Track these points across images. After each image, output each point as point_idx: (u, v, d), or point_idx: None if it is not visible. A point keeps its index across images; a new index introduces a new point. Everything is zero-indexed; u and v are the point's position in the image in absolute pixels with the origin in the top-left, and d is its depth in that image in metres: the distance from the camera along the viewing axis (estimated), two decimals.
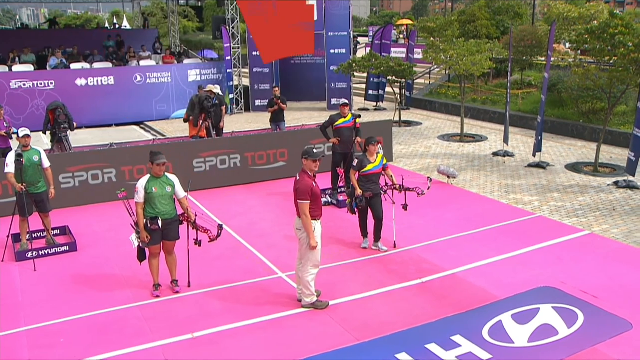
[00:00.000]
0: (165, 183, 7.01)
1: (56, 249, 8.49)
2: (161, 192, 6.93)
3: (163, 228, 6.96)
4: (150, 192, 6.88)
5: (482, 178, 12.72)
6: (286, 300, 7.13)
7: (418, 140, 16.91)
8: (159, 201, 6.92)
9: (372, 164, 8.47)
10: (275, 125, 15.02)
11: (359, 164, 8.47)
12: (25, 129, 8.53)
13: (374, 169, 8.48)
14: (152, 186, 6.90)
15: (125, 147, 11.71)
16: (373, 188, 8.51)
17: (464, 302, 7.04)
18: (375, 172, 8.50)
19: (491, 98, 20.76)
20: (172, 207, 7.09)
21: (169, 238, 7.12)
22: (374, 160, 8.50)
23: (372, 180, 8.50)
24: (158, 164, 6.89)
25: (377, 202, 8.56)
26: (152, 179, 6.96)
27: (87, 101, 19.07)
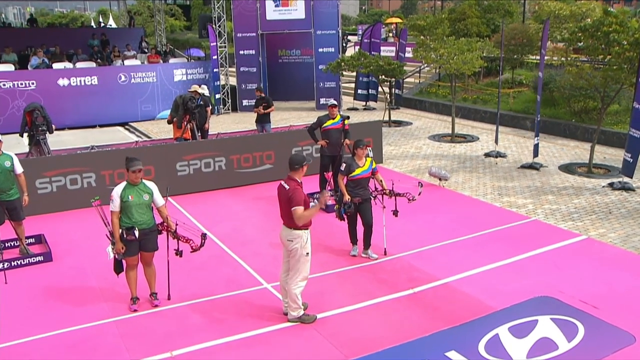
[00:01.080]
0: (142, 191, 6.61)
1: (29, 259, 8.07)
2: (138, 201, 6.54)
3: (140, 238, 6.57)
4: (126, 201, 6.48)
5: (474, 180, 12.41)
6: (271, 314, 6.76)
7: (408, 140, 16.59)
8: (135, 210, 6.53)
9: (360, 168, 8.13)
10: (260, 127, 14.63)
11: (347, 169, 8.12)
12: None
13: (362, 173, 8.14)
14: (128, 194, 6.50)
15: (106, 150, 11.27)
16: (362, 193, 8.17)
17: (457, 314, 6.70)
18: (364, 177, 8.17)
19: (482, 97, 20.48)
20: (150, 217, 6.70)
21: (147, 249, 6.73)
22: (363, 164, 8.16)
23: (361, 185, 8.16)
24: (133, 171, 6.49)
25: (367, 207, 8.22)
26: (128, 187, 6.57)
27: (70, 102, 18.62)
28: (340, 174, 8.27)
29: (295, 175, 6.55)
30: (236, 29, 21.62)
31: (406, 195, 8.37)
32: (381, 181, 8.41)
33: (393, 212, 8.35)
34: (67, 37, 25.25)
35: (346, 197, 8.04)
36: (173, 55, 23.75)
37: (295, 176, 6.54)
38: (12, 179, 8.13)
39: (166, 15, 35.26)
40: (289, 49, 23.43)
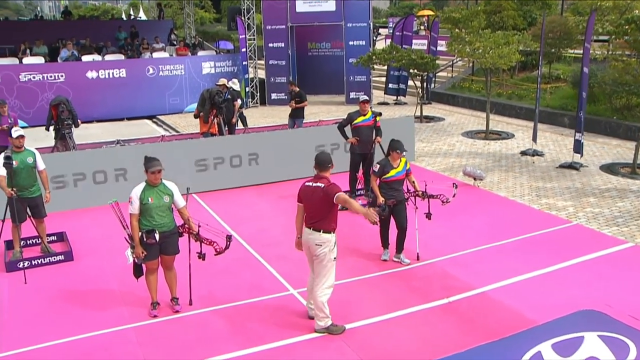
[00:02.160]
0: (162, 192, 6.30)
1: (50, 258, 7.85)
2: (158, 203, 6.23)
3: (160, 241, 6.26)
4: (146, 203, 6.17)
5: (510, 180, 11.88)
6: (297, 322, 6.41)
7: (441, 137, 16.07)
8: (155, 212, 6.23)
9: (394, 170, 7.73)
10: (292, 122, 14.30)
11: (381, 170, 7.72)
12: (19, 129, 7.90)
13: (396, 175, 7.75)
14: (147, 196, 6.19)
15: (130, 146, 11.04)
16: (396, 195, 7.76)
17: (495, 328, 6.26)
18: (398, 179, 7.78)
19: (517, 92, 19.81)
20: (171, 219, 6.40)
21: (168, 252, 6.43)
22: (397, 165, 7.75)
23: (395, 187, 7.77)
24: (153, 172, 6.18)
25: (401, 210, 7.83)
26: (147, 188, 6.25)
27: (98, 94, 18.54)
28: (373, 175, 7.85)
29: (326, 173, 6.23)
30: (265, 21, 21.30)
31: (440, 197, 7.93)
32: (414, 182, 7.99)
33: (426, 214, 7.93)
34: (98, 29, 25.20)
35: (379, 200, 7.63)
36: (202, 47, 23.52)
37: (326, 175, 6.22)
38: (34, 175, 7.92)
39: (196, 8, 35.14)
40: (318, 41, 23.02)
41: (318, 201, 6.06)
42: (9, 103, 16.53)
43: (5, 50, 20.19)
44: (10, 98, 17.06)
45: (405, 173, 7.83)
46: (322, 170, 6.23)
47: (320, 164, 6.25)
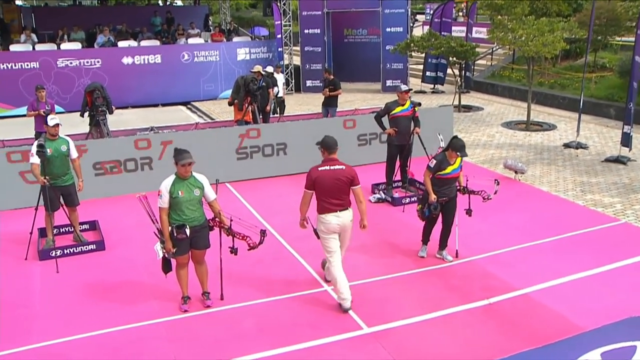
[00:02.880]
0: (192, 185, 6.10)
1: (82, 247, 7.80)
2: (188, 196, 6.03)
3: (191, 236, 6.09)
4: (176, 197, 5.97)
5: (553, 174, 11.42)
6: (331, 321, 6.20)
7: (480, 127, 15.61)
8: (186, 206, 6.02)
9: (451, 166, 7.33)
10: (325, 110, 14.06)
11: (437, 166, 7.29)
12: (55, 117, 7.80)
13: (452, 172, 7.36)
14: (178, 189, 5.99)
15: (164, 133, 10.93)
16: (448, 192, 7.41)
17: (540, 333, 5.94)
18: (453, 176, 7.41)
19: (560, 82, 19.13)
20: (201, 212, 6.20)
21: (198, 246, 6.25)
22: (454, 162, 7.35)
23: (448, 184, 7.40)
24: (183, 165, 5.99)
25: (451, 207, 7.50)
26: (177, 181, 6.05)
27: (133, 80, 18.60)
28: (427, 170, 7.42)
29: (336, 155, 6.45)
30: (301, 7, 21.02)
31: (481, 193, 7.59)
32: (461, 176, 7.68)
33: (466, 211, 7.61)
34: (134, 14, 25.24)
35: (432, 197, 7.28)
36: (237, 33, 23.35)
37: (336, 156, 6.44)
38: (67, 163, 7.86)
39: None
40: (355, 28, 22.63)
41: (343, 183, 6.29)
42: (47, 88, 16.74)
43: (44, 36, 20.40)
44: (48, 84, 17.21)
45: (460, 170, 7.50)
46: (333, 153, 6.42)
47: (330, 147, 6.42)
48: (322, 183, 6.26)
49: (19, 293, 6.84)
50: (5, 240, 8.31)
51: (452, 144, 7.29)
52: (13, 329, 6.08)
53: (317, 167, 6.35)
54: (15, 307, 6.53)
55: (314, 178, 6.29)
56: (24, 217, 8.34)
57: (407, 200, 9.64)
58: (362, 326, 6.07)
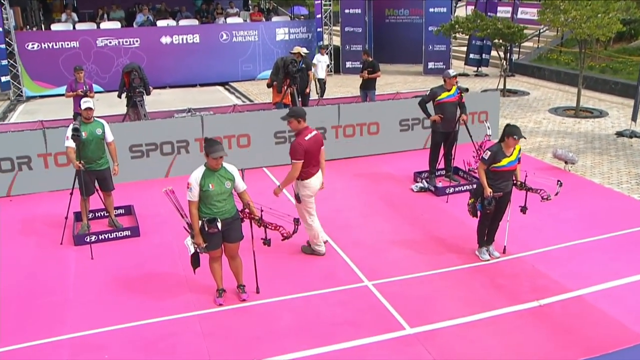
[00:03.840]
0: (223, 177, 5.77)
1: (117, 233, 7.66)
2: (219, 189, 5.72)
3: (223, 229, 5.80)
4: (206, 190, 5.66)
5: (605, 164, 10.84)
6: (371, 319, 5.91)
7: (526, 113, 14.99)
8: (217, 199, 5.72)
9: (507, 158, 6.76)
10: (364, 94, 13.67)
11: (492, 157, 6.73)
12: (89, 100, 7.62)
13: (509, 164, 6.79)
14: (208, 182, 5.67)
15: (201, 116, 10.70)
16: (504, 186, 6.86)
17: (595, 341, 5.55)
18: (510, 169, 6.84)
19: (612, 65, 18.25)
20: (232, 204, 5.89)
21: (231, 239, 5.96)
22: (511, 153, 6.79)
23: (504, 178, 6.85)
24: (215, 158, 5.65)
25: (504, 202, 7.01)
26: (208, 174, 5.71)
27: (171, 60, 18.50)
28: (481, 162, 6.87)
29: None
30: None
31: (540, 192, 7.01)
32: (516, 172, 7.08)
33: (521, 208, 7.16)
34: None
35: (487, 192, 6.76)
36: (276, 13, 23.00)
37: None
38: (103, 147, 7.70)
39: None
40: (397, 8, 21.98)
41: (320, 146, 6.93)
42: (87, 68, 16.74)
43: (85, 15, 20.40)
44: (87, 63, 17.23)
45: (518, 162, 6.91)
46: (305, 120, 6.77)
47: (303, 115, 6.77)
48: (310, 151, 6.70)
49: (54, 279, 6.75)
50: (42, 223, 8.25)
51: (506, 130, 6.76)
52: (48, 316, 5.99)
53: (302, 137, 6.67)
54: (51, 293, 6.44)
55: (305, 148, 6.62)
56: (61, 199, 8.25)
57: (451, 190, 9.24)
58: (405, 326, 5.77)
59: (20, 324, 5.86)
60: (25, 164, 9.23)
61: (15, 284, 6.62)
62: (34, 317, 5.98)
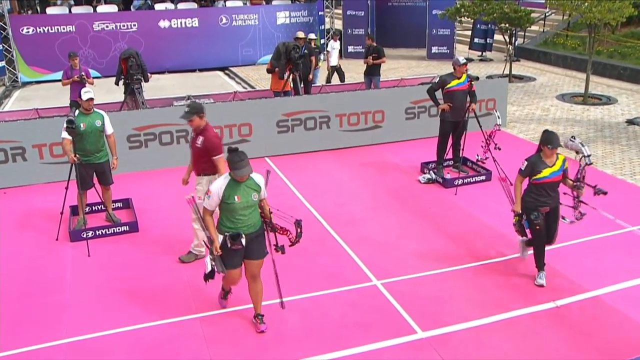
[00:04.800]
0: (250, 189, 5.14)
1: (115, 229, 7.37)
2: (246, 202, 5.10)
3: (245, 245, 5.18)
4: (231, 203, 5.05)
5: (617, 154, 10.55)
6: (381, 321, 5.66)
7: (533, 99, 14.66)
8: (242, 213, 5.13)
9: (549, 169, 5.99)
10: (368, 80, 13.34)
11: (529, 168, 6.03)
12: (90, 90, 7.28)
13: (551, 175, 6.00)
14: (233, 194, 5.05)
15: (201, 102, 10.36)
16: (549, 202, 6.07)
17: (616, 345, 5.30)
18: (553, 180, 6.03)
19: (620, 50, 17.88)
20: (257, 216, 5.27)
21: (253, 256, 5.28)
22: (552, 163, 6.00)
23: (548, 191, 6.03)
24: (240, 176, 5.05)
25: (552, 218, 6.19)
26: (233, 184, 5.07)
27: (170, 44, 18.09)
28: (519, 175, 6.16)
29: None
30: None
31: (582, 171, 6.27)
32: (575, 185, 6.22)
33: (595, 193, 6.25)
34: None
35: (516, 207, 6.14)
36: None
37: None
38: (102, 139, 7.39)
39: None
40: None
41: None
42: (83, 53, 16.43)
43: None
44: (84, 48, 16.84)
45: (562, 173, 6.09)
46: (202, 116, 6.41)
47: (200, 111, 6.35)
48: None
49: (49, 278, 6.47)
50: (37, 217, 7.98)
51: (542, 138, 5.99)
52: (43, 319, 5.72)
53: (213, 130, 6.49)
54: (46, 294, 6.17)
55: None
56: (57, 192, 7.95)
57: (460, 181, 8.95)
58: (417, 330, 5.52)
59: (15, 328, 5.59)
60: (19, 155, 8.92)
61: (9, 284, 6.34)
62: (29, 320, 5.71)
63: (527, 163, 6.06)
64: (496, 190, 8.79)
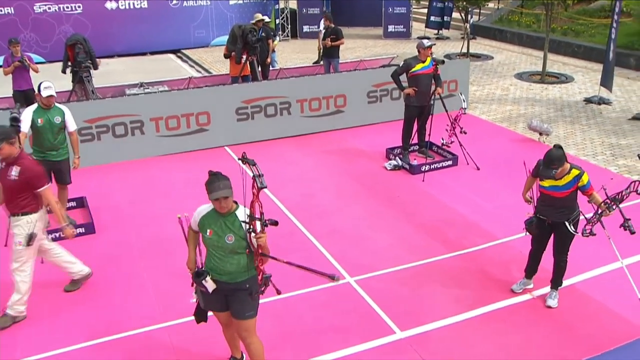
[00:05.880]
0: (227, 228, 4.10)
1: None
2: (217, 241, 4.11)
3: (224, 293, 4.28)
4: (203, 234, 4.20)
5: (578, 134, 10.58)
6: (358, 322, 5.44)
7: (492, 79, 14.63)
8: (214, 252, 4.19)
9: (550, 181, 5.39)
10: (327, 62, 13.02)
11: (535, 171, 5.59)
12: (50, 87, 6.68)
13: (552, 188, 5.40)
14: (207, 226, 4.16)
15: (156, 95, 9.87)
16: (549, 213, 5.51)
17: (597, 337, 5.22)
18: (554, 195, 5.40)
19: (573, 28, 18.02)
20: (239, 267, 4.17)
21: (233, 312, 4.34)
22: (561, 177, 5.33)
23: (548, 204, 5.50)
24: (215, 199, 4.05)
25: (559, 235, 5.59)
26: (213, 214, 4.17)
27: (118, 27, 17.29)
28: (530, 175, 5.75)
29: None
30: None
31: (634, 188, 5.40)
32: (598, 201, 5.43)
33: (625, 227, 5.39)
34: None
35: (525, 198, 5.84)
36: None
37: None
38: (61, 136, 6.86)
39: None
40: None
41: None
42: (24, 37, 15.53)
43: None
44: (25, 31, 15.92)
45: (570, 190, 5.36)
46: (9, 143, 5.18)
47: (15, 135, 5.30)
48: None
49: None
50: None
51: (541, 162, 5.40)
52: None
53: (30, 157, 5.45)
54: None
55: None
56: None
57: (427, 167, 8.79)
58: (395, 330, 5.32)
59: None
60: None
61: None
62: None
63: (536, 163, 5.57)
64: (464, 176, 8.71)
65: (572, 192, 5.39)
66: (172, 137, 9.44)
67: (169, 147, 9.44)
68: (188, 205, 4.73)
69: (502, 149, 9.72)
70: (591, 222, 5.46)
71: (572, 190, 5.37)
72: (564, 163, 5.28)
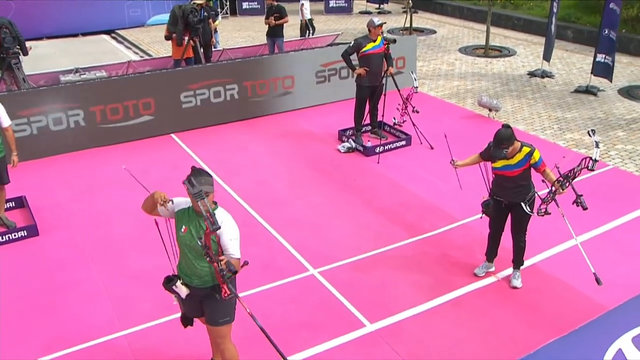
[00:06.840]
0: (201, 228, 3.89)
1: (10, 235, 6.40)
2: (190, 240, 3.93)
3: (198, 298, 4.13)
4: (177, 231, 4.03)
5: (525, 108, 10.70)
6: (326, 316, 5.31)
7: (436, 53, 14.62)
8: (186, 252, 4.00)
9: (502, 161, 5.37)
10: (271, 42, 12.68)
11: (485, 152, 5.55)
12: None
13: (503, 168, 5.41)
14: (182, 223, 3.98)
15: (95, 82, 9.33)
16: (503, 195, 5.52)
17: (565, 315, 5.28)
18: (505, 174, 5.42)
19: (512, 1, 18.21)
20: (211, 271, 3.99)
21: (205, 317, 4.25)
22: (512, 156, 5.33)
23: (502, 185, 5.50)
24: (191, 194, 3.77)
25: (516, 216, 5.60)
26: (190, 212, 3.98)
27: (46, 6, 16.24)
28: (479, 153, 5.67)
29: None
30: None
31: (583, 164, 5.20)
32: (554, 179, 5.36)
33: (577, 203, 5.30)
34: None
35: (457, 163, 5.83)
36: None
37: None
38: None
39: None
40: None
41: None
42: None
43: None
44: None
45: (522, 168, 5.37)
46: None
47: None
48: None
49: None
50: None
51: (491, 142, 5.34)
52: None
53: None
54: None
55: None
56: None
57: (381, 148, 8.68)
58: (365, 323, 5.22)
59: None
60: None
61: None
62: None
63: (487, 146, 5.53)
64: (418, 156, 8.65)
65: (525, 170, 5.41)
66: (114, 126, 8.96)
67: (112, 137, 8.95)
68: (136, 199, 4.44)
69: (454, 126, 9.69)
70: (546, 202, 5.49)
71: (525, 168, 5.39)
72: (514, 142, 5.31)
